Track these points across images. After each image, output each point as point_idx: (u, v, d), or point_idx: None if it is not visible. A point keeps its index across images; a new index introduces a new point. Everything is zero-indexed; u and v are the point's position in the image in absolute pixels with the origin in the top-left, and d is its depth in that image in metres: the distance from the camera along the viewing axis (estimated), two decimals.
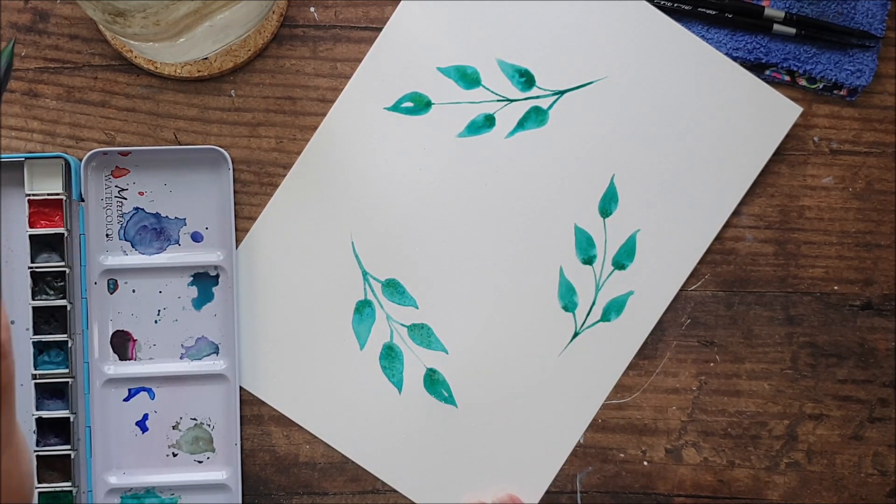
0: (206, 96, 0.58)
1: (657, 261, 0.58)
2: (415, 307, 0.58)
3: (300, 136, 0.58)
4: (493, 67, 0.57)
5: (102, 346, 0.57)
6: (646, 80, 0.57)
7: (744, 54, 0.57)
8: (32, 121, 0.57)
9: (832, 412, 0.58)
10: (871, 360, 0.58)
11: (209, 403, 0.57)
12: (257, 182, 0.58)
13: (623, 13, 0.57)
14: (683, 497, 0.58)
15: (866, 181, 0.58)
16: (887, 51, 0.58)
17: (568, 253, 0.58)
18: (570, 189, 0.58)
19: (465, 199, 0.58)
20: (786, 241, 0.58)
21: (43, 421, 0.56)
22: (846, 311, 0.58)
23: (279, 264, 0.58)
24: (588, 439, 0.58)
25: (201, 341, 0.58)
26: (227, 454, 0.57)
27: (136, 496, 0.57)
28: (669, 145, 0.57)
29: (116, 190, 0.57)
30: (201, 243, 0.58)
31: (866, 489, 0.58)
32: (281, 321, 0.58)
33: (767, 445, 0.58)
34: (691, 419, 0.58)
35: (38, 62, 0.57)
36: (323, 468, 0.58)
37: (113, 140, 0.58)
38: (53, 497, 0.56)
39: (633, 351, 0.58)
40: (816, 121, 0.58)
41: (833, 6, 0.57)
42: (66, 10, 0.57)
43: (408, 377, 0.58)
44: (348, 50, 0.58)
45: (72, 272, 0.57)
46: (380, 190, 0.58)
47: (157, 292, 0.57)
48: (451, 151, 0.58)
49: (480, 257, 0.58)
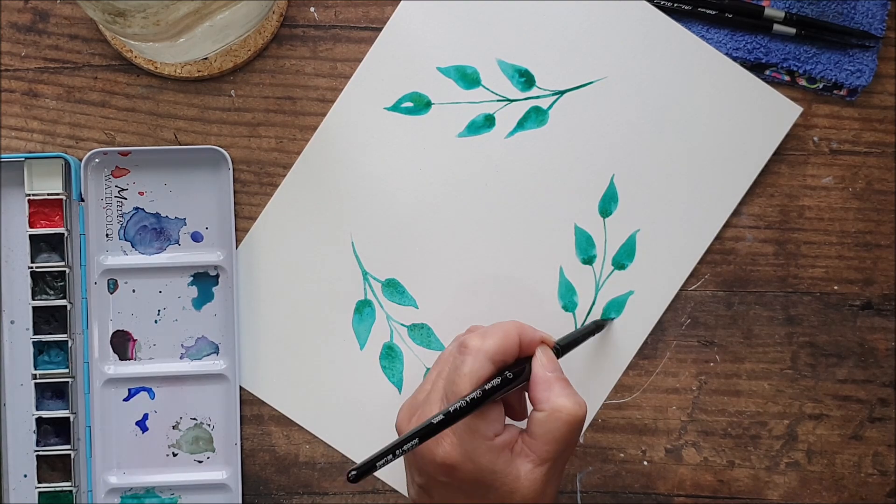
0: (206, 96, 0.58)
1: (657, 261, 0.58)
2: (415, 307, 0.58)
3: (300, 136, 0.58)
4: (493, 67, 0.57)
5: (102, 346, 0.57)
6: (646, 80, 0.57)
7: (744, 54, 0.57)
8: (32, 121, 0.57)
9: (832, 412, 0.58)
10: (871, 360, 0.58)
11: (209, 403, 0.57)
12: (257, 182, 0.58)
13: (623, 13, 0.57)
14: (683, 497, 0.58)
15: (866, 181, 0.58)
16: (887, 51, 0.58)
17: (568, 253, 0.58)
18: (570, 189, 0.58)
19: (465, 199, 0.58)
20: (786, 241, 0.58)
21: (43, 421, 0.56)
22: (846, 311, 0.58)
23: (279, 264, 0.58)
24: (588, 439, 0.58)
25: (201, 341, 0.58)
26: (227, 454, 0.57)
27: (136, 496, 0.57)
28: (669, 145, 0.57)
29: (116, 190, 0.57)
30: (201, 243, 0.58)
31: (866, 489, 0.58)
32: (281, 321, 0.58)
33: (767, 445, 0.58)
34: (691, 419, 0.58)
35: (38, 62, 0.57)
36: (323, 468, 0.58)
37: (113, 140, 0.58)
38: (53, 497, 0.56)
39: (633, 351, 0.58)
40: (816, 121, 0.58)
41: (833, 6, 0.57)
42: (66, 10, 0.57)
43: (408, 377, 0.58)
44: (348, 50, 0.58)
45: (72, 272, 0.57)
46: (380, 190, 0.58)
47: (157, 292, 0.57)
48: (451, 151, 0.58)
49: (480, 257, 0.58)
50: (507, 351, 0.47)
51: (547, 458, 0.46)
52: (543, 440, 0.46)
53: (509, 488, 0.46)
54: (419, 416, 0.48)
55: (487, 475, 0.46)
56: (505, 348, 0.47)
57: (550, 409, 0.46)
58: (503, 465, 0.46)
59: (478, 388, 0.45)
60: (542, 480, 0.46)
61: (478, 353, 0.46)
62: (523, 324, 0.49)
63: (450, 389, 0.46)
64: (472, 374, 0.46)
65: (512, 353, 0.48)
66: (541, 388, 0.47)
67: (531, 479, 0.46)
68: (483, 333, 0.48)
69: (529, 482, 0.46)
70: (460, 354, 0.47)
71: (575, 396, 0.47)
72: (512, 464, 0.46)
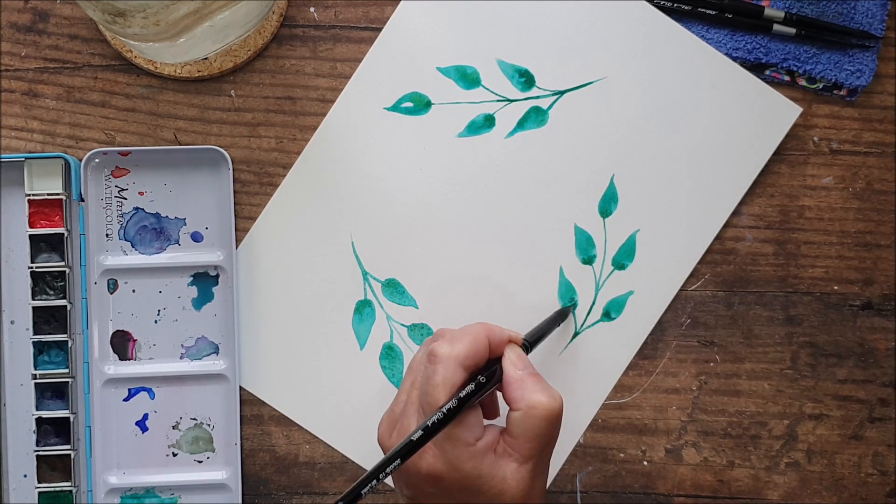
0: (206, 96, 0.58)
1: (657, 261, 0.58)
2: (415, 307, 0.58)
3: (300, 136, 0.58)
4: (493, 67, 0.57)
5: (102, 346, 0.57)
6: (646, 80, 0.57)
7: (744, 54, 0.57)
8: (32, 121, 0.57)
9: (832, 412, 0.58)
10: (871, 360, 0.58)
11: (209, 403, 0.57)
12: (257, 182, 0.58)
13: (623, 13, 0.57)
14: (683, 497, 0.58)
15: (866, 181, 0.58)
16: (887, 51, 0.58)
17: (568, 253, 0.58)
18: (570, 189, 0.58)
19: (465, 199, 0.58)
20: (786, 241, 0.58)
21: (43, 421, 0.56)
22: (846, 311, 0.58)
23: (279, 264, 0.58)
24: (588, 439, 0.58)
25: (201, 341, 0.58)
26: (227, 454, 0.57)
27: (136, 496, 0.57)
28: (669, 145, 0.57)
29: (116, 190, 0.57)
30: (201, 243, 0.58)
31: (866, 489, 0.58)
32: (281, 321, 0.58)
33: (767, 445, 0.58)
34: (691, 419, 0.58)
35: (38, 62, 0.57)
36: (323, 468, 0.58)
37: (113, 140, 0.58)
38: (53, 497, 0.56)
39: (633, 351, 0.58)
40: (816, 121, 0.58)
41: (833, 6, 0.57)
42: (66, 10, 0.57)
43: None
44: (348, 50, 0.58)
45: (72, 272, 0.57)
46: (380, 190, 0.58)
47: (157, 292, 0.57)
48: (451, 151, 0.58)
49: (480, 257, 0.58)
50: (478, 355, 0.47)
51: (530, 455, 0.46)
52: (524, 438, 0.46)
53: (497, 490, 0.46)
54: (398, 430, 0.48)
55: (474, 480, 0.46)
56: (475, 352, 0.47)
57: (526, 406, 0.46)
58: (488, 468, 0.46)
59: (452, 396, 0.45)
60: (528, 478, 0.46)
61: (448, 361, 0.46)
62: (490, 325, 0.49)
63: (424, 400, 0.46)
64: (445, 382, 0.45)
65: (482, 356, 0.47)
66: (514, 387, 0.47)
67: (517, 479, 0.46)
68: (451, 339, 0.47)
69: (516, 482, 0.46)
70: (430, 364, 0.46)
71: (549, 390, 0.47)
72: (497, 465, 0.46)
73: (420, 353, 0.51)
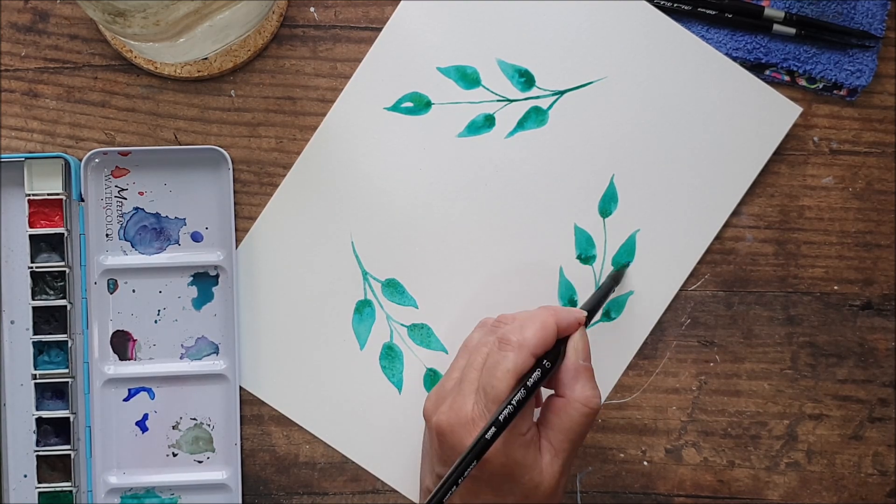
0: (206, 96, 0.58)
1: (657, 261, 0.58)
2: (415, 307, 0.58)
3: (300, 136, 0.58)
4: (493, 67, 0.57)
5: (102, 346, 0.57)
6: (646, 81, 0.57)
7: (744, 54, 0.57)
8: (32, 121, 0.57)
9: (832, 412, 0.58)
10: (871, 360, 0.58)
11: (209, 403, 0.57)
12: (257, 182, 0.58)
13: (623, 13, 0.57)
14: (683, 497, 0.58)
15: (866, 181, 0.58)
16: (887, 51, 0.58)
17: (568, 253, 0.58)
18: (570, 189, 0.58)
19: (465, 200, 0.58)
20: (786, 241, 0.58)
21: (43, 421, 0.56)
22: (846, 311, 0.58)
23: (279, 264, 0.58)
24: (588, 439, 0.58)
25: (201, 341, 0.58)
26: (227, 454, 0.57)
27: (136, 496, 0.57)
28: (669, 145, 0.57)
29: (116, 190, 0.57)
30: (201, 243, 0.58)
31: (866, 489, 0.58)
32: (281, 321, 0.58)
33: (767, 445, 0.58)
34: (691, 419, 0.58)
35: (38, 62, 0.57)
36: (323, 468, 0.58)
37: (113, 140, 0.58)
38: (53, 497, 0.56)
39: (633, 351, 0.58)
40: (816, 121, 0.58)
41: (833, 6, 0.57)
42: (66, 10, 0.57)
43: (408, 377, 0.58)
44: (348, 50, 0.58)
45: (72, 272, 0.57)
46: (380, 190, 0.58)
47: (157, 292, 0.57)
48: (451, 151, 0.58)
49: (480, 257, 0.58)
50: (547, 342, 0.47)
51: (564, 448, 0.46)
52: (562, 430, 0.46)
53: (535, 482, 0.46)
54: (451, 406, 0.47)
55: (517, 469, 0.46)
56: (545, 340, 0.47)
57: (574, 398, 0.46)
58: (531, 459, 0.46)
59: (518, 383, 0.45)
60: (559, 472, 0.47)
61: (521, 349, 0.46)
62: (556, 308, 0.49)
63: (489, 384, 0.46)
64: (517, 369, 0.46)
65: (550, 343, 0.47)
66: (570, 375, 0.47)
67: (551, 473, 0.46)
68: (522, 326, 0.47)
69: (549, 475, 0.46)
70: (501, 350, 0.46)
71: (597, 388, 0.47)
72: (537, 457, 0.46)
73: (477, 333, 0.51)
